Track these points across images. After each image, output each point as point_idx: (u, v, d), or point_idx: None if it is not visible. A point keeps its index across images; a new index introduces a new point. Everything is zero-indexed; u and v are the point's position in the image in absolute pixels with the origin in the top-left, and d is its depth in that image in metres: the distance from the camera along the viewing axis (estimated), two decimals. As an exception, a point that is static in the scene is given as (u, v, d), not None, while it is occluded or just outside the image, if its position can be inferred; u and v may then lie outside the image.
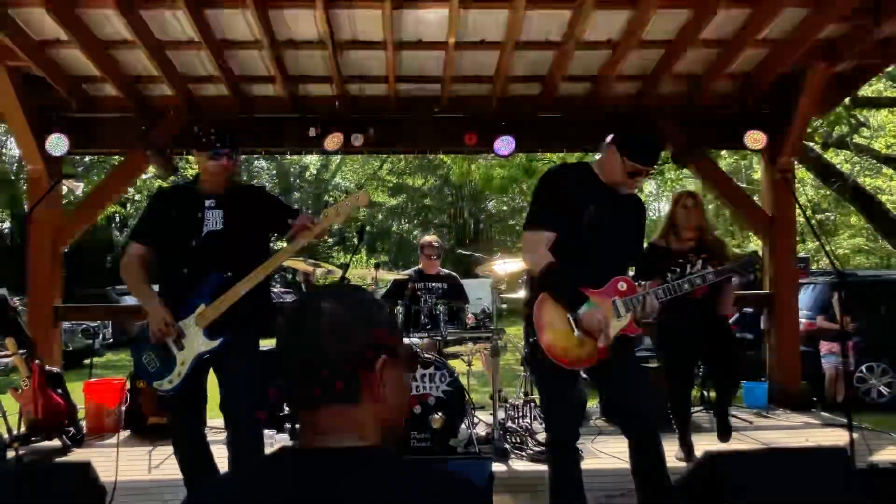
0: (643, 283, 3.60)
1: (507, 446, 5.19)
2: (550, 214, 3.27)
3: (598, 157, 3.47)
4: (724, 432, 5.10)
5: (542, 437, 5.51)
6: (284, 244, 3.62)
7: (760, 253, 7.46)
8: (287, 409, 5.83)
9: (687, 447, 5.08)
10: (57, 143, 6.28)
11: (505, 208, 30.89)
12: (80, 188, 6.39)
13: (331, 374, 1.21)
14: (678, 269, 4.58)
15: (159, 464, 5.00)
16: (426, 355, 5.19)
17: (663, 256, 4.77)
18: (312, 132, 6.52)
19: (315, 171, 34.45)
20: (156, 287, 3.57)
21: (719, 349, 4.99)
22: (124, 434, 6.03)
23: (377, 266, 5.85)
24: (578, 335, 3.19)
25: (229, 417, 3.39)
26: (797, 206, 6.06)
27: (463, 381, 5.44)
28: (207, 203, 3.52)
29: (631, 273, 3.56)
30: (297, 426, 1.15)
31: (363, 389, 1.24)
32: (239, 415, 3.35)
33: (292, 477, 1.18)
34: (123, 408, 6.19)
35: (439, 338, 5.35)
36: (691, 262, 4.68)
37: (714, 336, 4.98)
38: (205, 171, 3.55)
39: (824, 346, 8.66)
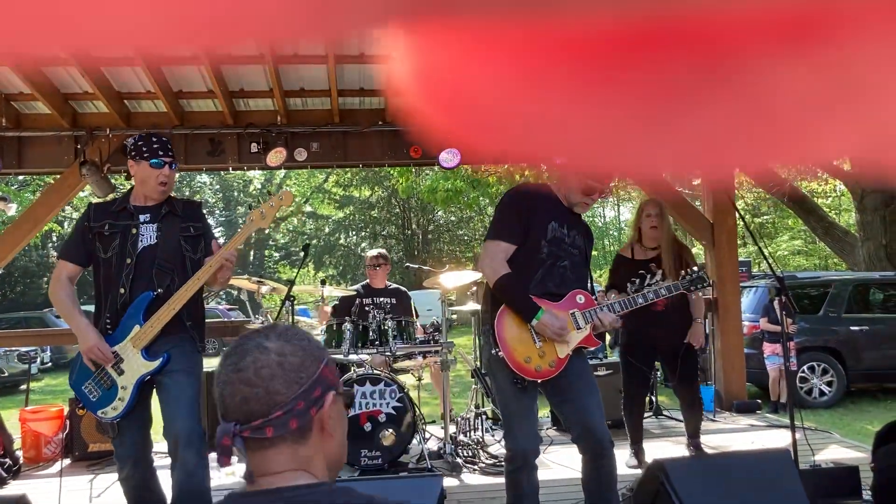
0: (612, 294, 3.70)
1: (460, 460, 5.16)
2: (512, 227, 3.33)
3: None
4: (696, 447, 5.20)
5: (493, 449, 5.50)
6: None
7: (703, 258, 7.61)
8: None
9: (638, 454, 5.12)
10: (-14, 164, 6.07)
11: (453, 219, 31.01)
12: (12, 209, 6.18)
13: (284, 414, 1.18)
14: (637, 280, 4.67)
15: (101, 493, 4.83)
16: (375, 371, 5.14)
17: (626, 267, 4.84)
18: (254, 147, 6.43)
19: (259, 185, 34.10)
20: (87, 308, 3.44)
21: (679, 358, 5.00)
22: (64, 462, 5.82)
23: (323, 283, 5.77)
24: (540, 346, 3.24)
25: (170, 441, 3.24)
26: (736, 212, 6.17)
27: (413, 395, 5.41)
28: (142, 218, 3.39)
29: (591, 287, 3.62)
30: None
31: (313, 428, 1.22)
32: (179, 439, 3.19)
33: None
34: (63, 435, 5.99)
35: (389, 353, 5.29)
36: (652, 272, 4.76)
37: (675, 344, 5.00)
38: (142, 183, 3.40)
39: (768, 348, 8.86)
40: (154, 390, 3.38)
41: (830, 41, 0.56)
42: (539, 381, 3.28)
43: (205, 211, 3.92)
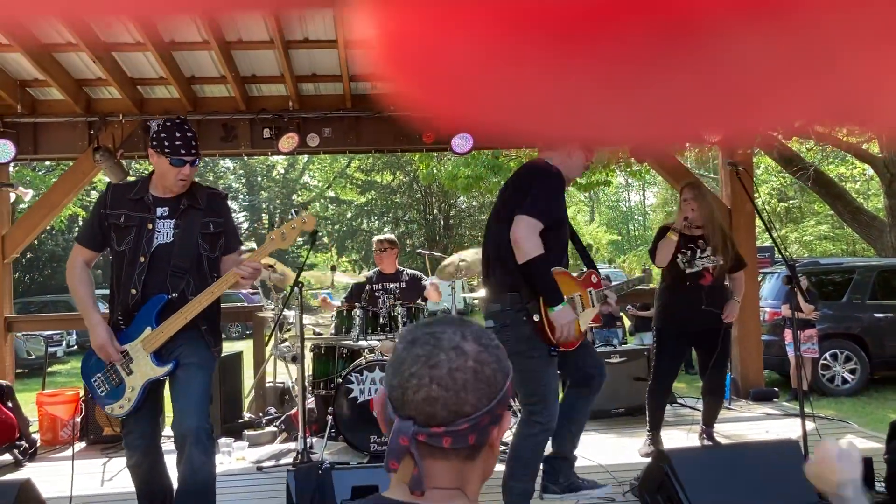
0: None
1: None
2: (552, 210, 3.41)
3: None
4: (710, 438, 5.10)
5: (505, 435, 5.46)
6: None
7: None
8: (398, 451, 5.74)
9: (655, 441, 5.01)
10: (2, 150, 6.11)
11: (475, 203, 30.92)
12: (28, 195, 6.23)
13: (469, 427, 1.10)
14: (688, 252, 4.73)
15: (112, 476, 4.88)
16: (385, 357, 5.13)
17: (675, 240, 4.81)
18: (267, 133, 6.41)
19: (282, 170, 34.24)
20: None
21: (713, 341, 4.87)
22: (79, 446, 5.90)
23: (333, 269, 5.76)
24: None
25: (178, 437, 3.21)
26: (751, 199, 6.06)
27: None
28: (159, 212, 3.29)
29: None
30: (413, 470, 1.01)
31: (486, 446, 1.15)
32: (188, 437, 3.16)
33: None
34: (79, 419, 6.06)
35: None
36: (700, 247, 4.80)
37: (711, 331, 4.86)
38: (162, 176, 3.28)
39: (789, 335, 8.74)
40: (167, 381, 3.34)
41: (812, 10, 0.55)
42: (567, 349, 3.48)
43: (229, 196, 3.87)
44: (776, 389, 7.05)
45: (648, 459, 4.83)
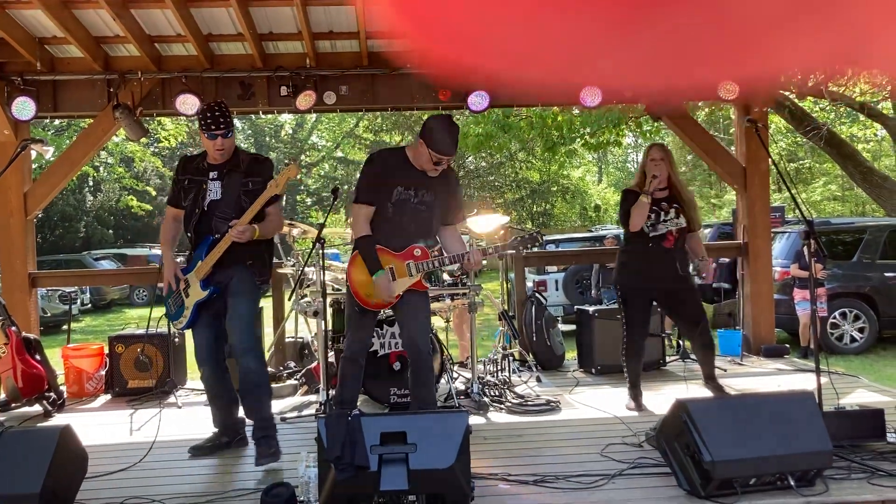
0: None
1: (486, 399, 5.25)
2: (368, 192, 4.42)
3: None
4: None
5: (520, 389, 5.59)
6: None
7: (735, 204, 7.55)
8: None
9: (637, 398, 5.08)
10: (23, 108, 6.14)
11: (483, 164, 30.81)
12: (49, 152, 6.25)
13: None
14: (652, 216, 4.86)
15: (141, 426, 5.02)
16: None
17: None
18: (284, 91, 6.43)
19: (291, 130, 34.11)
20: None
21: (682, 301, 5.01)
22: (105, 398, 6.05)
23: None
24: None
25: (232, 352, 4.16)
26: (769, 157, 6.08)
27: (441, 336, 5.50)
28: (211, 175, 4.19)
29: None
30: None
31: None
32: (235, 349, 4.11)
33: None
34: (103, 372, 6.21)
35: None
36: (664, 210, 4.93)
37: (678, 288, 4.97)
38: (207, 149, 4.20)
39: (798, 294, 8.82)
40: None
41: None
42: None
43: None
44: (787, 346, 7.15)
45: (632, 412, 4.95)
